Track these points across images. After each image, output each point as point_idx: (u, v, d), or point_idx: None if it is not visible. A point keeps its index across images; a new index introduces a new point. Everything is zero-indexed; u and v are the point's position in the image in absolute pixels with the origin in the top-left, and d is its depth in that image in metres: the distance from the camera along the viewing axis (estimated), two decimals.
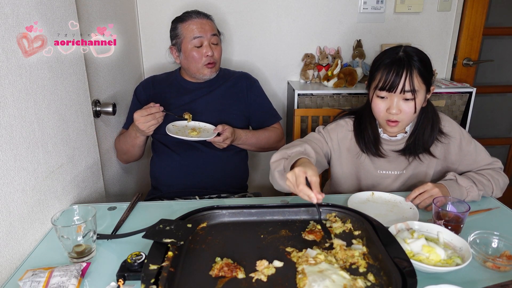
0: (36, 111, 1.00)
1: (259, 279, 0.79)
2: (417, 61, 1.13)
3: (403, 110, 1.16)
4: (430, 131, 1.23)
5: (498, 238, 0.94)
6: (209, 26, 1.55)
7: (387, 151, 1.27)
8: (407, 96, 1.14)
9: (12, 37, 0.91)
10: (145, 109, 1.40)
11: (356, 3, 2.13)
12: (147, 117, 1.38)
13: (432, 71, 1.19)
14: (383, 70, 1.15)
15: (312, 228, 0.97)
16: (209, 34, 1.53)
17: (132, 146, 1.54)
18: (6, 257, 0.89)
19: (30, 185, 0.98)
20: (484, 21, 2.22)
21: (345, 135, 1.31)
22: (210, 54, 1.53)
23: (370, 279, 0.79)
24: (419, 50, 1.17)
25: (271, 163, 1.13)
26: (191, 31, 1.52)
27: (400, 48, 1.17)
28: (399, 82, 1.12)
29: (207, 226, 0.99)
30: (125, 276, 0.81)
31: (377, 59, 1.21)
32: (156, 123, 1.42)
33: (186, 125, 1.53)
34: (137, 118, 1.39)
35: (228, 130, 1.46)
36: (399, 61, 1.13)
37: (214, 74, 1.61)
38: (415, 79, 1.12)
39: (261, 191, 1.92)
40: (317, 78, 2.19)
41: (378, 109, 1.19)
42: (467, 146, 1.27)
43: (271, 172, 1.14)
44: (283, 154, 1.11)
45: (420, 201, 1.13)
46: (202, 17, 1.55)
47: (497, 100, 2.46)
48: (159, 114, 1.41)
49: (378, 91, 1.16)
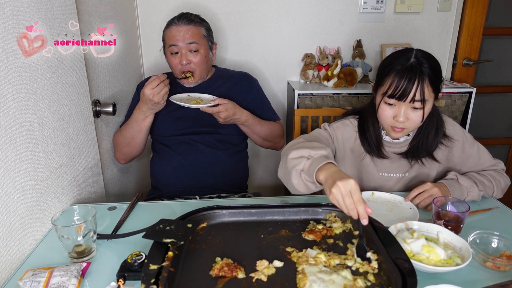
0: (36, 111, 1.00)
1: (259, 279, 0.79)
2: (428, 69, 1.08)
3: (411, 118, 1.13)
4: (434, 135, 1.22)
5: (498, 238, 0.94)
6: (188, 33, 1.50)
7: (389, 153, 1.27)
8: (416, 105, 1.11)
9: (12, 37, 0.91)
10: (152, 81, 1.40)
11: (356, 3, 2.13)
12: (157, 87, 1.39)
13: (442, 78, 1.15)
14: (393, 76, 1.10)
15: (312, 228, 0.97)
16: (185, 42, 1.50)
17: (139, 130, 1.52)
18: (6, 257, 0.89)
19: (30, 185, 0.98)
20: (484, 21, 2.22)
21: (350, 135, 1.29)
22: (184, 63, 1.51)
23: (370, 279, 0.79)
24: (430, 56, 1.12)
25: (290, 159, 1.02)
26: (169, 37, 1.52)
27: (411, 53, 1.12)
28: (410, 91, 1.08)
29: (207, 226, 0.99)
30: (125, 276, 0.81)
31: (387, 63, 1.16)
32: (167, 90, 1.43)
33: (189, 94, 1.54)
34: (149, 92, 1.39)
35: (226, 105, 1.45)
36: (411, 68, 1.08)
37: (193, 84, 1.59)
38: (426, 89, 1.08)
39: (261, 191, 1.92)
40: (317, 78, 2.19)
41: (385, 115, 1.16)
42: (470, 148, 1.27)
43: (287, 168, 1.03)
44: (303, 152, 1.01)
45: (420, 200, 1.13)
46: (182, 24, 1.51)
47: (497, 100, 2.45)
48: (167, 81, 1.43)
49: (386, 97, 1.12)
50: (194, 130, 1.56)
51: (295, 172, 1.01)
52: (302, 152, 1.01)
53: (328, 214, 1.03)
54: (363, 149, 1.28)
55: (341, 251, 0.89)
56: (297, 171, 1.00)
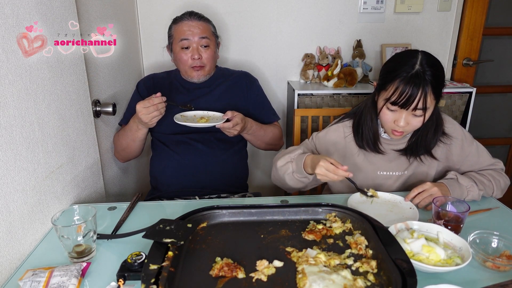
0: (36, 111, 1.00)
1: (259, 279, 0.79)
2: (432, 77, 1.09)
3: (411, 123, 1.15)
4: (433, 133, 1.23)
5: (498, 238, 0.94)
6: (200, 28, 1.52)
7: (387, 150, 1.28)
8: (418, 113, 1.12)
9: (12, 37, 0.91)
10: (147, 100, 1.35)
11: (356, 3, 2.13)
12: (149, 108, 1.34)
13: (444, 83, 1.15)
14: (397, 84, 1.10)
15: (312, 228, 0.97)
16: (197, 37, 1.51)
17: (133, 140, 1.51)
18: (6, 257, 0.89)
19: (30, 185, 0.98)
20: (484, 21, 2.22)
21: (336, 140, 1.32)
22: (196, 57, 1.52)
23: (370, 279, 0.79)
24: (435, 63, 1.12)
25: (279, 167, 1.22)
26: (180, 32, 1.52)
27: (416, 58, 1.11)
28: (412, 101, 1.09)
29: (207, 226, 0.99)
30: (125, 276, 0.81)
31: (391, 68, 1.15)
32: (159, 115, 1.38)
33: (194, 114, 1.50)
34: (140, 110, 1.35)
35: (238, 116, 1.42)
36: (415, 78, 1.08)
37: (203, 78, 1.59)
38: (428, 98, 1.09)
39: (261, 191, 1.92)
40: (317, 78, 2.19)
41: (386, 119, 1.18)
42: (469, 147, 1.27)
43: (280, 175, 1.23)
44: (286, 158, 1.22)
45: (420, 200, 1.13)
46: (193, 19, 1.53)
47: (497, 100, 2.46)
48: (162, 105, 1.37)
49: (389, 104, 1.14)
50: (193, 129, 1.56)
51: (288, 176, 1.20)
52: (285, 158, 1.22)
53: (328, 214, 1.03)
54: (356, 146, 1.29)
55: (341, 251, 0.89)
56: (288, 174, 1.20)
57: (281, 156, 1.24)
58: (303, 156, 1.16)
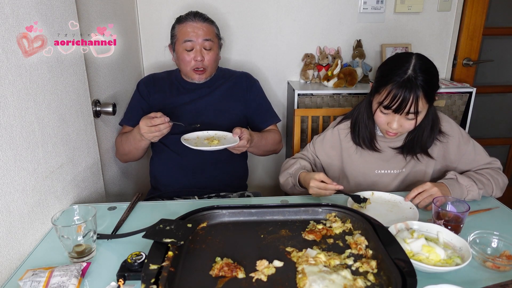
0: (36, 111, 1.00)
1: (259, 279, 0.79)
2: (424, 82, 1.10)
3: (404, 125, 1.18)
4: (429, 132, 1.24)
5: (497, 238, 0.94)
6: (204, 30, 1.52)
7: (384, 148, 1.29)
8: (410, 116, 1.16)
9: (12, 37, 0.91)
10: (150, 119, 1.33)
11: (356, 3, 2.13)
12: (151, 128, 1.33)
13: (438, 86, 1.17)
14: (390, 88, 1.13)
15: (312, 228, 0.97)
16: (201, 39, 1.51)
17: (136, 148, 1.50)
18: (6, 257, 0.89)
19: (30, 185, 0.98)
20: (484, 21, 2.22)
21: (333, 144, 1.37)
22: (199, 59, 1.51)
23: (370, 279, 0.79)
24: (428, 68, 1.13)
25: (282, 184, 1.36)
26: (184, 33, 1.51)
27: (409, 63, 1.13)
28: (405, 106, 1.12)
29: (207, 226, 0.99)
30: (125, 276, 0.81)
31: (385, 71, 1.18)
32: (160, 135, 1.36)
33: (197, 136, 1.47)
34: (142, 127, 1.34)
35: (245, 132, 1.41)
36: (407, 83, 1.10)
37: (204, 80, 1.59)
38: (420, 102, 1.12)
39: (261, 191, 1.92)
40: (317, 78, 2.19)
41: (380, 121, 1.22)
42: (465, 145, 1.28)
43: (286, 189, 1.35)
44: (286, 175, 1.33)
45: (420, 200, 1.13)
46: (198, 20, 1.52)
47: (497, 100, 2.46)
48: (164, 126, 1.34)
49: (382, 107, 1.17)
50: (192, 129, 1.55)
51: (291, 189, 1.32)
52: (285, 175, 1.33)
53: (328, 214, 1.03)
54: (354, 145, 1.32)
55: (341, 251, 0.89)
56: (292, 188, 1.32)
57: (282, 171, 1.36)
58: (298, 173, 1.27)
